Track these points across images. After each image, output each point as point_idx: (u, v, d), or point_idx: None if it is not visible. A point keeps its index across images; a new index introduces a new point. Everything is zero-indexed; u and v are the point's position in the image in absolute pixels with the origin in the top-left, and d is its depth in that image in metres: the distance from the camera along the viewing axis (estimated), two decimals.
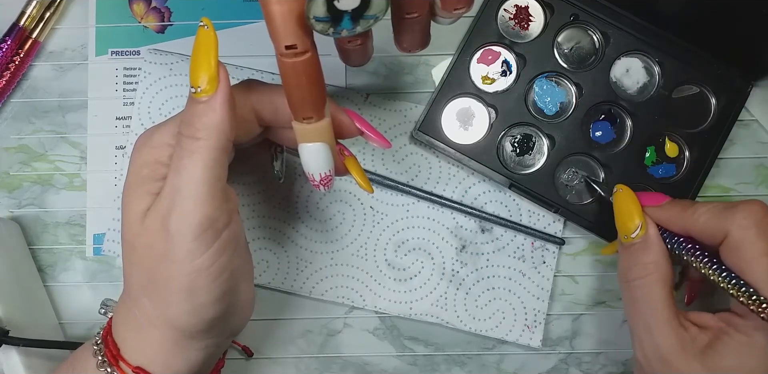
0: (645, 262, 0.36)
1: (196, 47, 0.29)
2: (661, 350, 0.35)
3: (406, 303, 0.44)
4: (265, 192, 0.44)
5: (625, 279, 0.37)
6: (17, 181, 0.45)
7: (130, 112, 0.45)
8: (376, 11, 0.26)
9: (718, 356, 0.34)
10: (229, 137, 0.30)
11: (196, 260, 0.29)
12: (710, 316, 0.36)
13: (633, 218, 0.37)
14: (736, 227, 0.34)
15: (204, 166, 0.29)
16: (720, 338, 0.35)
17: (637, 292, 0.36)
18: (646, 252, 0.37)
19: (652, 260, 0.36)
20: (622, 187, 0.39)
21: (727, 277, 0.34)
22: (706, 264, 0.35)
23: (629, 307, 0.37)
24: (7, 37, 0.43)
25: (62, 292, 0.45)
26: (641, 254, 0.37)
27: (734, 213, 0.35)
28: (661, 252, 0.36)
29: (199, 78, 0.29)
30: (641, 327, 0.36)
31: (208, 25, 0.29)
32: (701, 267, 0.35)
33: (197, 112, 0.29)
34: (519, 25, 0.44)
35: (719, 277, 0.34)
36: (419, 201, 0.45)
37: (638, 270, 0.36)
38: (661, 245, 0.37)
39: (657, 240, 0.37)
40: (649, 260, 0.36)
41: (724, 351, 0.34)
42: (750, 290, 0.33)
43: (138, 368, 0.31)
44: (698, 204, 0.36)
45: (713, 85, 0.44)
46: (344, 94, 0.45)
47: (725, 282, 0.34)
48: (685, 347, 0.35)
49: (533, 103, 0.44)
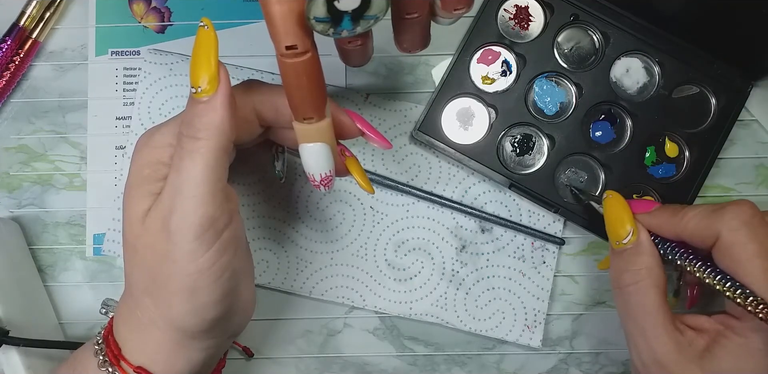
0: (637, 268, 0.36)
1: (197, 47, 0.29)
2: (658, 355, 0.35)
3: (406, 303, 0.44)
4: (266, 192, 0.44)
5: (618, 285, 0.37)
6: (17, 181, 0.45)
7: (130, 112, 0.45)
8: (376, 12, 0.26)
9: (716, 359, 0.34)
10: (229, 137, 0.30)
11: (197, 260, 0.29)
12: (706, 319, 0.36)
13: (624, 224, 0.37)
14: (726, 229, 0.34)
15: (205, 166, 0.29)
16: (717, 341, 0.35)
17: (630, 298, 0.36)
18: (638, 257, 0.36)
19: (644, 265, 0.36)
20: (612, 192, 0.38)
21: (722, 280, 0.34)
22: (699, 267, 0.35)
23: (623, 313, 0.37)
24: (7, 37, 0.43)
25: (62, 292, 0.45)
26: (633, 260, 0.36)
27: (723, 215, 0.34)
28: (653, 258, 0.36)
29: (199, 78, 0.29)
30: (636, 332, 0.36)
31: (208, 25, 0.29)
32: (695, 271, 0.35)
33: (198, 112, 0.29)
34: (519, 25, 0.44)
35: (714, 280, 0.34)
36: (419, 201, 0.45)
37: (631, 275, 0.36)
38: (653, 250, 0.36)
39: (649, 246, 0.36)
40: (642, 266, 0.36)
41: (721, 354, 0.34)
42: (746, 291, 0.33)
43: (139, 368, 0.31)
44: (687, 209, 0.36)
45: (713, 85, 0.44)
46: (344, 94, 0.45)
47: (720, 284, 0.34)
48: (681, 351, 0.34)
49: (533, 103, 0.44)
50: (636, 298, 0.36)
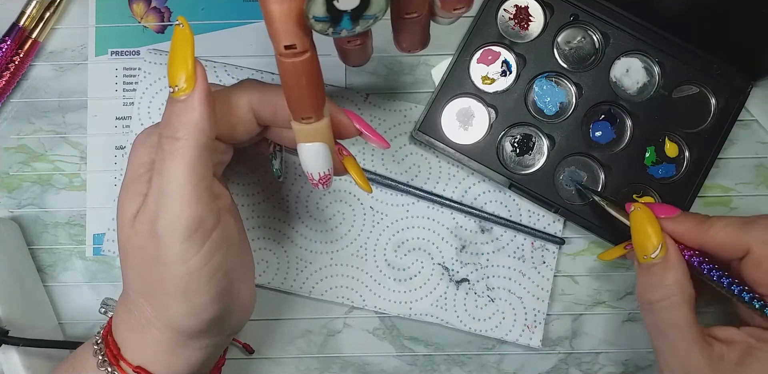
0: (668, 283, 0.35)
1: (173, 46, 0.29)
2: (691, 371, 0.34)
3: (405, 303, 0.44)
4: (265, 192, 0.44)
5: (648, 300, 0.36)
6: (17, 181, 0.45)
7: (129, 112, 0.45)
8: (375, 11, 0.26)
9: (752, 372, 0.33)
10: (209, 135, 0.29)
11: (188, 262, 0.29)
12: (735, 331, 0.36)
13: (652, 238, 0.36)
14: (758, 243, 0.34)
15: (186, 166, 0.28)
16: (751, 354, 0.34)
17: (662, 314, 0.35)
18: (667, 272, 0.36)
19: (674, 281, 0.35)
20: (640, 205, 0.38)
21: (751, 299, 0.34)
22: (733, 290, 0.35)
23: (653, 329, 0.36)
24: (7, 37, 0.43)
25: (62, 292, 0.45)
26: (662, 275, 0.36)
27: (754, 228, 0.34)
28: (682, 273, 0.35)
29: (176, 77, 0.28)
30: (667, 348, 0.35)
31: (184, 23, 0.29)
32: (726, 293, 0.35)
33: (176, 111, 0.29)
34: (519, 25, 0.44)
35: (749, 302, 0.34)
36: (419, 201, 0.45)
37: (661, 291, 0.35)
38: (683, 264, 0.36)
39: (678, 260, 0.36)
40: (672, 281, 0.35)
41: (757, 367, 0.34)
42: None
43: (139, 368, 0.31)
44: (713, 219, 0.36)
45: (713, 85, 0.44)
46: (344, 94, 0.45)
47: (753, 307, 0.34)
48: (714, 366, 0.34)
49: (533, 103, 0.44)
50: (668, 314, 0.35)
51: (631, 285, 0.45)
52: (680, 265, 0.36)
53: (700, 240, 0.36)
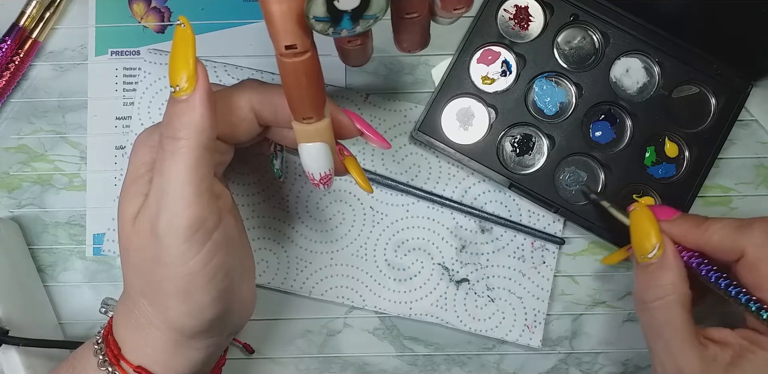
0: (663, 283, 0.36)
1: (174, 46, 0.29)
2: (684, 371, 0.34)
3: (405, 303, 0.44)
4: (265, 192, 0.44)
5: (643, 300, 0.36)
6: (17, 180, 0.45)
7: (130, 112, 0.45)
8: (375, 11, 0.26)
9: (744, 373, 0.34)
10: (210, 135, 0.29)
11: (188, 262, 0.29)
12: (729, 332, 0.36)
13: (650, 238, 0.36)
14: (753, 246, 0.34)
15: (186, 166, 0.28)
16: (743, 355, 0.34)
17: (656, 314, 0.36)
18: (663, 272, 0.36)
19: (670, 281, 0.35)
20: (640, 205, 0.38)
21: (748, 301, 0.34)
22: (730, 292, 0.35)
23: (648, 329, 0.37)
24: (7, 37, 0.43)
25: (62, 292, 0.45)
26: (659, 275, 0.36)
27: (749, 230, 0.34)
28: (678, 273, 0.36)
29: (177, 77, 0.28)
30: (661, 348, 0.35)
31: (185, 23, 0.28)
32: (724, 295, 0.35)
33: (177, 111, 0.29)
34: (519, 25, 0.44)
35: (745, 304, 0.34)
36: (419, 201, 0.45)
37: (656, 291, 0.36)
38: (680, 265, 0.36)
39: (675, 260, 0.36)
40: (668, 281, 0.36)
41: (749, 369, 0.34)
42: None
43: (139, 367, 0.31)
44: (711, 221, 0.36)
45: (713, 85, 0.44)
46: (344, 94, 0.45)
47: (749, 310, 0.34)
48: (707, 366, 0.34)
49: (533, 103, 0.44)
50: (661, 314, 0.35)
51: (631, 285, 0.45)
52: (677, 266, 0.36)
53: (697, 242, 0.36)
